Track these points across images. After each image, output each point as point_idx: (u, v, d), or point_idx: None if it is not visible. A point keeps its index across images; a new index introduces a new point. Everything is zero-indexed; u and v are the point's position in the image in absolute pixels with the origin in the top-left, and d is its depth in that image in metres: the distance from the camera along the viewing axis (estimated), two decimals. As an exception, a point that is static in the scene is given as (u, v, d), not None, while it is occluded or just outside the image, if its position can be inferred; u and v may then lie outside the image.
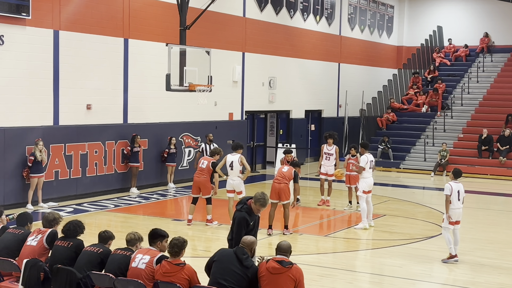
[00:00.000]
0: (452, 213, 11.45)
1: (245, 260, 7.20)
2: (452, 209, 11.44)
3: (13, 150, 15.52)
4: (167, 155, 19.41)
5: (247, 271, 7.16)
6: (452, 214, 11.44)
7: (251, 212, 8.61)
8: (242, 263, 7.18)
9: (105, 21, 17.80)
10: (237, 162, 14.18)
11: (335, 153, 16.81)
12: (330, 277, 10.54)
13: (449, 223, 11.46)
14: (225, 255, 7.33)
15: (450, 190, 11.43)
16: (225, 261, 7.24)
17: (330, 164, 16.84)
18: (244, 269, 7.16)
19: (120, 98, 18.44)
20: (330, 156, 16.83)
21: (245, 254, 7.25)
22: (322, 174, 17.04)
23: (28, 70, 15.89)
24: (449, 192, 11.41)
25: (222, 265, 7.21)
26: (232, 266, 7.17)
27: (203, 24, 18.83)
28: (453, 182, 11.59)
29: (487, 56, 31.33)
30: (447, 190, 11.46)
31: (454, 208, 11.46)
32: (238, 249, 7.32)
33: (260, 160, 24.88)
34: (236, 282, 7.09)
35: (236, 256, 7.23)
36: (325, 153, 16.90)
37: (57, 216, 8.60)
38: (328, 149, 16.88)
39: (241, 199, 9.11)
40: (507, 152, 24.16)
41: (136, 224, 14.29)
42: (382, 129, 27.89)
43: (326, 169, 16.90)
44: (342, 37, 29.23)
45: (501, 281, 10.48)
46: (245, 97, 23.43)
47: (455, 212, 11.49)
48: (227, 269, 7.16)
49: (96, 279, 7.50)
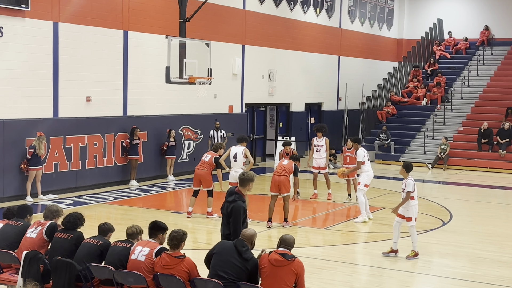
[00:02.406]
0: (414, 209, 11.15)
1: (245, 252, 7.21)
2: (414, 205, 11.16)
3: (13, 143, 15.51)
4: (167, 148, 19.41)
5: (247, 263, 7.17)
6: (415, 210, 11.16)
7: (244, 199, 8.68)
8: (242, 255, 7.18)
9: (104, 13, 17.76)
10: (241, 154, 14.35)
11: (325, 145, 16.86)
12: (330, 270, 10.56)
13: (415, 220, 11.21)
14: (225, 248, 7.33)
15: (413, 186, 11.12)
16: (225, 253, 7.24)
17: (320, 156, 16.88)
18: (244, 261, 7.16)
19: (119, 91, 18.42)
20: (320, 148, 16.90)
21: (244, 247, 7.25)
22: (314, 168, 17.06)
23: (27, 62, 15.86)
24: (411, 189, 11.09)
25: (222, 257, 7.21)
26: (232, 258, 7.17)
27: (203, 16, 18.81)
28: (411, 178, 11.25)
29: (487, 49, 31.28)
30: (410, 186, 11.08)
31: (416, 204, 11.21)
32: (238, 242, 7.32)
33: (259, 153, 24.89)
34: (235, 274, 7.10)
35: (236, 249, 7.23)
36: (315, 145, 16.98)
37: (60, 209, 8.62)
38: (318, 141, 16.95)
39: (228, 190, 9.04)
40: (507, 145, 24.15)
41: (135, 216, 14.30)
42: (382, 122, 27.86)
43: (318, 163, 16.92)
44: (342, 30, 29.18)
45: (500, 274, 10.49)
46: (245, 89, 23.41)
47: (417, 208, 11.23)
48: (226, 261, 7.16)
49: (95, 271, 7.51)
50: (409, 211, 11.18)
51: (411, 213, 11.17)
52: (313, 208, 16.33)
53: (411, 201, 11.17)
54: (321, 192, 17.08)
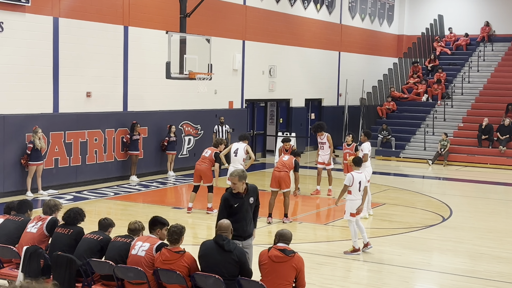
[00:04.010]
0: (353, 204, 11.05)
1: (226, 245, 7.13)
2: (353, 200, 11.07)
3: (13, 138, 15.51)
4: (167, 143, 19.41)
5: (232, 254, 7.08)
6: (353, 205, 11.05)
7: (236, 194, 8.30)
8: (224, 248, 7.10)
9: (105, 8, 17.74)
10: (242, 150, 14.47)
11: (327, 141, 16.95)
12: (330, 265, 10.57)
13: (350, 215, 11.06)
14: (207, 248, 7.26)
15: (351, 180, 11.01)
16: (209, 253, 7.18)
17: (325, 153, 17.02)
18: (229, 253, 7.09)
19: (120, 86, 18.41)
20: (323, 145, 17.06)
21: (224, 240, 7.18)
22: (319, 163, 17.14)
23: (27, 57, 15.85)
24: (349, 183, 11.01)
25: (208, 258, 7.17)
26: (217, 255, 7.10)
27: (203, 12, 18.78)
28: (355, 172, 11.23)
29: (487, 45, 31.23)
30: (348, 180, 11.04)
31: (355, 199, 11.08)
32: (217, 237, 7.25)
33: (260, 148, 24.89)
34: (226, 271, 7.03)
35: (217, 245, 7.17)
36: (319, 143, 17.17)
37: (57, 203, 8.62)
38: (321, 138, 17.08)
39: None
40: (507, 141, 24.14)
41: (136, 212, 14.31)
42: (382, 118, 27.86)
43: (323, 159, 17.04)
44: (342, 26, 29.14)
45: (500, 270, 10.50)
46: (245, 85, 23.39)
47: (355, 203, 11.07)
48: (213, 260, 7.10)
49: (96, 266, 7.51)
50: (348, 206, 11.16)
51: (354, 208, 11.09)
52: (314, 204, 16.33)
53: (348, 195, 11.13)
54: (321, 188, 17.10)
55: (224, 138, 19.14)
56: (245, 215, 8.23)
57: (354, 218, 11.10)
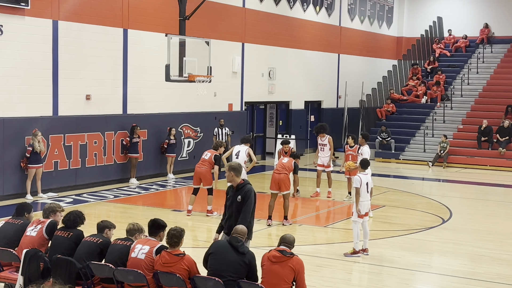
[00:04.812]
0: (361, 206, 11.06)
1: (240, 247, 7.22)
2: (361, 202, 11.07)
3: (13, 141, 15.51)
4: (167, 146, 19.41)
5: (244, 257, 7.17)
6: (361, 207, 11.06)
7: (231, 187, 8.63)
8: (238, 250, 7.18)
9: (104, 11, 17.75)
10: (244, 152, 14.58)
11: (328, 143, 16.96)
12: (330, 268, 10.57)
13: (358, 217, 11.07)
14: (220, 246, 7.35)
15: (359, 182, 11.01)
16: (221, 252, 7.25)
17: (325, 155, 17.02)
18: (241, 255, 7.17)
19: (119, 89, 18.41)
20: (324, 147, 17.04)
21: (239, 242, 7.27)
22: (319, 165, 17.14)
23: (27, 60, 15.86)
24: (358, 185, 11.00)
25: (218, 256, 7.22)
26: (228, 255, 7.18)
27: (202, 14, 18.80)
28: (361, 174, 11.23)
29: (487, 47, 31.27)
30: (356, 182, 11.03)
31: (363, 200, 11.09)
32: (231, 238, 7.35)
33: (259, 151, 24.89)
34: (234, 272, 7.08)
35: (231, 245, 7.24)
36: (319, 145, 17.17)
37: (55, 206, 8.59)
38: (321, 140, 17.09)
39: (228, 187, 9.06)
40: (507, 143, 24.16)
41: (135, 214, 14.30)
42: (381, 120, 27.87)
43: (323, 161, 17.06)
44: (342, 28, 29.17)
45: (500, 272, 10.50)
46: (245, 87, 23.40)
47: (364, 204, 11.09)
48: (224, 260, 7.16)
49: (96, 269, 7.51)
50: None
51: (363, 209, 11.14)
52: (313, 206, 16.33)
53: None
54: (321, 190, 17.09)
55: (224, 141, 19.13)
56: (234, 212, 8.45)
57: (361, 219, 11.12)
